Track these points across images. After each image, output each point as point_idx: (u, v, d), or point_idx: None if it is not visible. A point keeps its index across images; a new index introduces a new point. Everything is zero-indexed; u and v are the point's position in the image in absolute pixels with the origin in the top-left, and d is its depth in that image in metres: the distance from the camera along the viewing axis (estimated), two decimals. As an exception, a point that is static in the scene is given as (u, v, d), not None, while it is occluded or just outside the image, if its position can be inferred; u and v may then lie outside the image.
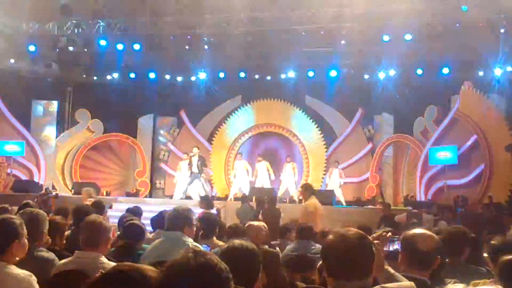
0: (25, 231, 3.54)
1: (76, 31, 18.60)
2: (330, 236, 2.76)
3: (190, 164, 17.16)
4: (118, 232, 6.29)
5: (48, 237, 4.43)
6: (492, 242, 4.53)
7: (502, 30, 15.39)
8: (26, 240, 3.54)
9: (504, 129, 15.52)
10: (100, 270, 2.13)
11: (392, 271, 3.39)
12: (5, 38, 17.43)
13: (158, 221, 6.74)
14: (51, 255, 4.23)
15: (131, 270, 1.91)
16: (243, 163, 18.57)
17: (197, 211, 7.62)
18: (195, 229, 4.99)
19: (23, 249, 3.53)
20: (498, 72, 16.62)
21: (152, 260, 4.37)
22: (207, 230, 5.69)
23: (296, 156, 20.42)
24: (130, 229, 5.39)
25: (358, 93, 19.40)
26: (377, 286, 2.72)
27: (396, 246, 4.30)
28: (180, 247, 4.51)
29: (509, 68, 16.58)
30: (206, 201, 11.65)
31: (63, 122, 20.91)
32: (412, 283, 2.85)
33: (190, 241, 4.68)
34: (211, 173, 19.25)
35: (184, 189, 17.24)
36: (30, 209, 4.55)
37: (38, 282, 3.44)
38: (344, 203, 17.69)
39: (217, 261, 1.96)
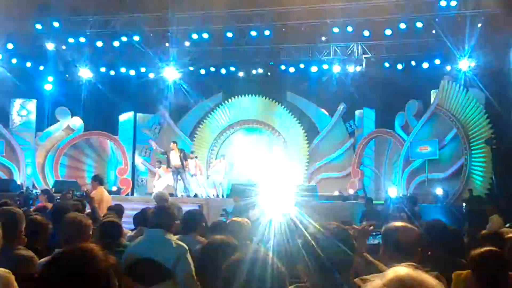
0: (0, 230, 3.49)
1: (55, 28, 18.43)
2: (311, 231, 2.74)
3: (168, 160, 17.09)
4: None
5: (24, 236, 4.36)
6: (483, 232, 4.59)
7: (479, 25, 15.61)
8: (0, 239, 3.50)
9: (484, 123, 15.66)
10: None
11: (370, 258, 3.39)
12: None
13: (140, 218, 6.70)
14: (29, 253, 4.17)
15: (78, 251, 1.90)
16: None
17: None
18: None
19: None
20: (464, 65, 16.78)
21: (135, 257, 4.34)
22: (188, 225, 5.65)
23: (278, 151, 20.52)
24: (107, 227, 5.33)
25: (339, 88, 19.45)
26: (356, 279, 2.71)
27: (377, 239, 4.31)
28: (163, 245, 4.48)
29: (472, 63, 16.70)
30: (47, 194, 11.50)
31: (43, 121, 20.68)
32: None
33: (173, 238, 4.65)
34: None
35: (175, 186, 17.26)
36: (7, 208, 4.49)
37: (17, 280, 3.40)
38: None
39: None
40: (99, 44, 18.71)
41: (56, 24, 18.31)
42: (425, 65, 18.21)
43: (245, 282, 2.08)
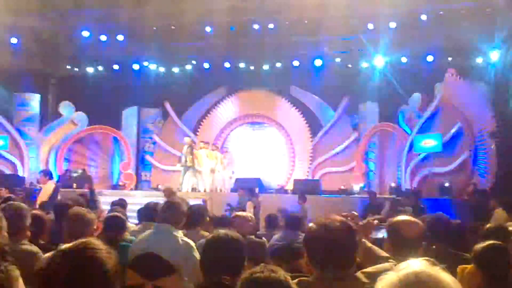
0: (4, 223, 3.49)
1: (58, 22, 18.40)
2: (313, 225, 2.72)
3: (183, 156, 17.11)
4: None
5: (28, 231, 4.37)
6: (488, 226, 4.59)
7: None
8: (6, 233, 3.50)
9: (488, 116, 15.60)
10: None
11: (369, 244, 3.38)
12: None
13: (145, 212, 6.70)
14: (34, 248, 4.18)
15: (81, 246, 1.91)
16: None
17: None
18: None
19: None
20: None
21: (139, 251, 4.34)
22: (192, 220, 5.66)
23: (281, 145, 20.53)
24: (111, 221, 5.34)
25: (342, 82, 19.40)
26: (358, 272, 2.70)
27: (382, 234, 4.31)
28: (170, 240, 4.48)
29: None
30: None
31: (47, 115, 20.72)
32: (391, 264, 2.80)
33: (180, 235, 4.65)
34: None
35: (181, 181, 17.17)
36: (13, 203, 4.50)
37: (22, 275, 3.40)
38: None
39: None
40: (103, 38, 18.68)
41: (59, 18, 18.27)
42: (430, 58, 18.12)
43: None
